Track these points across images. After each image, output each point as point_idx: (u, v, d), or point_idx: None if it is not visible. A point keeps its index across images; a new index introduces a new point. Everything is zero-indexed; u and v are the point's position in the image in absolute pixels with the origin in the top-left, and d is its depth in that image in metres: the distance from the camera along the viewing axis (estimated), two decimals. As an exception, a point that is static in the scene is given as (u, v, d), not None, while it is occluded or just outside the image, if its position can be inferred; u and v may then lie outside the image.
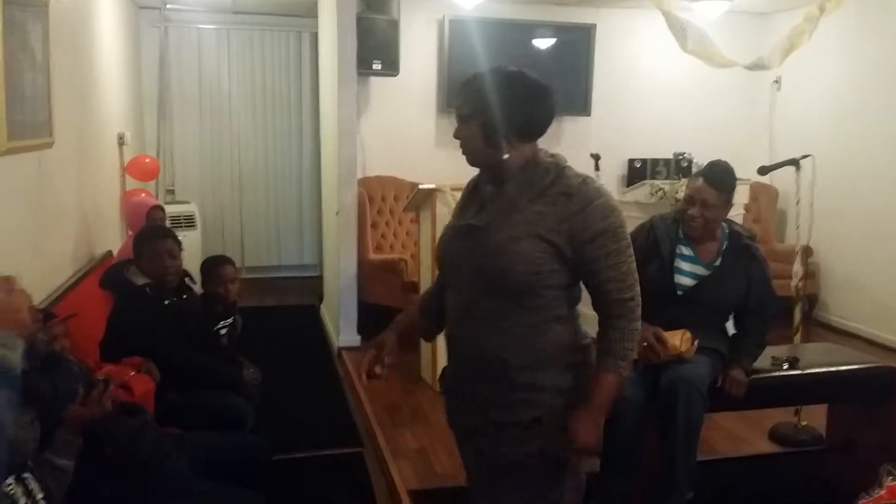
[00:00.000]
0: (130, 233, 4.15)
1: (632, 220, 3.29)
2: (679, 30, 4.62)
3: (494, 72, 1.81)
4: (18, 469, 1.79)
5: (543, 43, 5.94)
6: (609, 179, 4.93)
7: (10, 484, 1.75)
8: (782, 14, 5.93)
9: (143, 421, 2.33)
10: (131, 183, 5.07)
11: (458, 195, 3.96)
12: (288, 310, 6.00)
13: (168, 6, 6.04)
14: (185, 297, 3.06)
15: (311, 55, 6.47)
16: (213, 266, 3.36)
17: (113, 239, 4.47)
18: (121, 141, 4.92)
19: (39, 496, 1.77)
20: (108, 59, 4.67)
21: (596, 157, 4.12)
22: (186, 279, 3.16)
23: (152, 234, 3.14)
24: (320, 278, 6.11)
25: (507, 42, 5.77)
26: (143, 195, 4.83)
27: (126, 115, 5.33)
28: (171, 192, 6.25)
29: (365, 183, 5.43)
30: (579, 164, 4.92)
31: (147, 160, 5.16)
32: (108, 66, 4.64)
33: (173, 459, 2.31)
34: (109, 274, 3.13)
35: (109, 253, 4.04)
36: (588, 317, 1.86)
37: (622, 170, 6.17)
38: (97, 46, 4.34)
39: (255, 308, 5.54)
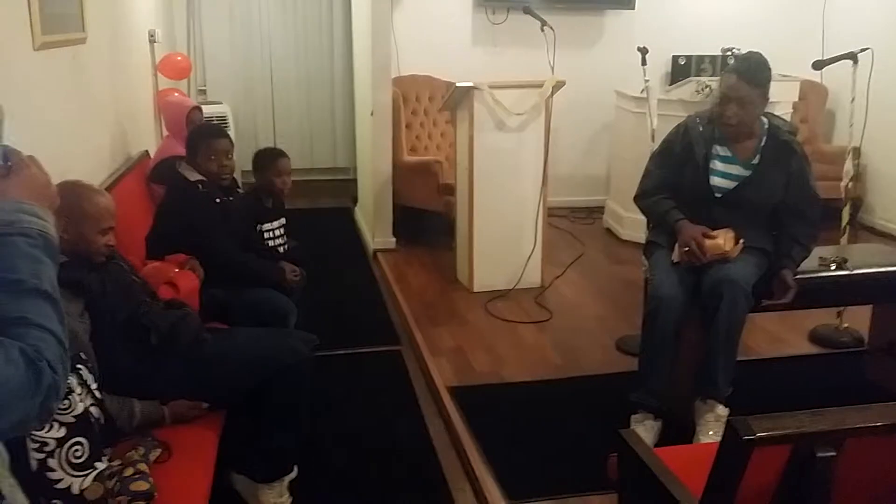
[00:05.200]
0: (167, 133, 4.11)
1: (676, 120, 3.20)
2: None
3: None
4: (73, 359, 1.82)
5: None
6: (652, 77, 4.74)
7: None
8: None
9: (184, 313, 2.35)
10: (163, 82, 5.00)
11: (497, 94, 3.92)
12: (323, 212, 6.02)
13: None
14: (232, 197, 3.06)
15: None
16: (271, 157, 3.30)
17: (148, 138, 4.45)
18: (151, 38, 4.81)
19: (93, 386, 1.80)
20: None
21: (643, 51, 3.94)
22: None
23: (209, 132, 3.13)
24: (354, 181, 6.08)
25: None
26: (175, 94, 4.77)
27: (156, 12, 5.21)
28: (203, 91, 6.17)
29: (399, 82, 5.31)
30: (624, 59, 4.82)
31: (179, 58, 5.06)
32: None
33: (217, 346, 2.34)
34: (162, 168, 3.13)
35: (146, 153, 4.02)
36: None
37: (666, 67, 5.94)
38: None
39: (290, 210, 5.52)
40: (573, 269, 4.54)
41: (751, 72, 2.70)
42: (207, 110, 5.38)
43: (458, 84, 4.07)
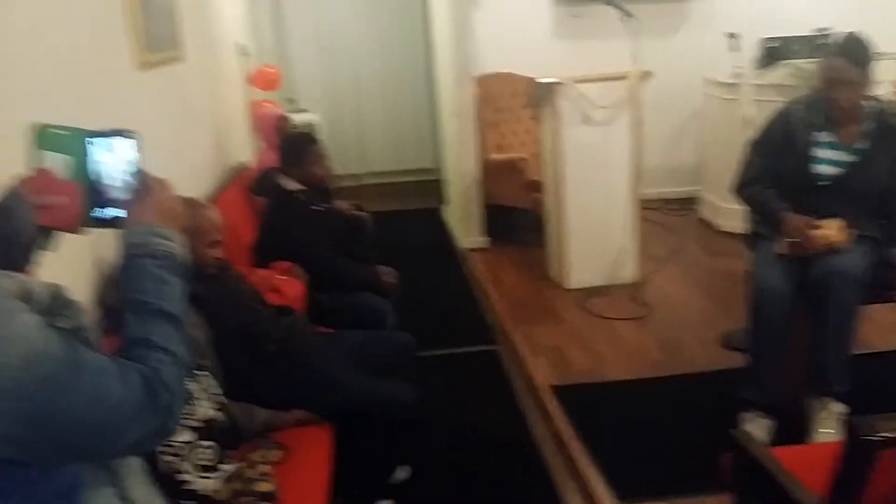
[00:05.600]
0: (263, 143, 4.24)
1: (771, 107, 3.07)
2: None
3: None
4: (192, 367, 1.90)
5: None
6: (742, 62, 4.58)
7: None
8: None
9: (295, 318, 2.44)
10: (255, 93, 5.16)
11: (581, 88, 3.87)
12: (412, 213, 6.08)
13: None
14: (328, 204, 3.14)
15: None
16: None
17: (243, 149, 4.60)
18: (241, 51, 4.97)
19: (217, 392, 1.88)
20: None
21: (734, 37, 3.80)
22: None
23: (309, 139, 3.22)
24: (441, 181, 6.12)
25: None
26: (268, 105, 4.91)
27: (244, 25, 5.37)
28: (292, 101, 6.34)
29: (480, 81, 5.30)
30: (709, 45, 4.68)
31: (270, 70, 5.21)
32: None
33: (328, 353, 2.41)
34: (262, 180, 3.24)
35: (243, 163, 4.16)
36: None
37: (755, 51, 5.72)
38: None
39: (381, 212, 5.62)
40: (670, 263, 4.44)
41: (857, 53, 2.58)
42: (297, 118, 5.54)
43: (539, 80, 4.04)
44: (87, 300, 2.10)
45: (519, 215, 5.00)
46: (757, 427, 2.61)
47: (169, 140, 3.01)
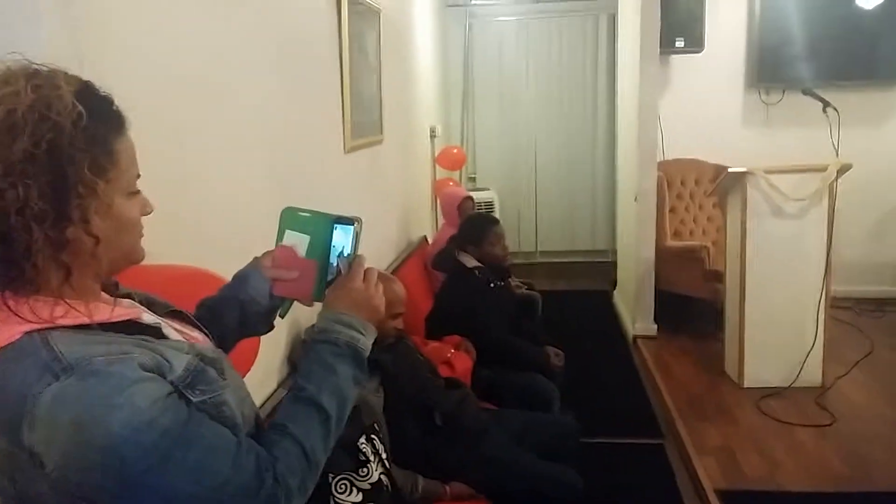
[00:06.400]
0: (444, 220, 4.48)
1: None
2: None
3: None
4: (369, 430, 2.03)
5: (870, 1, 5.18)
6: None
7: (362, 442, 2.00)
8: None
9: (465, 393, 2.53)
10: (440, 172, 5.46)
11: (774, 178, 3.76)
12: (581, 294, 6.06)
13: (473, 2, 6.38)
14: (503, 282, 3.26)
15: (609, 37, 6.43)
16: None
17: (426, 224, 4.87)
18: (432, 133, 5.31)
19: (384, 455, 1.99)
20: (424, 57, 5.07)
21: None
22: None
23: (490, 220, 3.41)
24: (614, 263, 6.09)
25: (824, 4, 5.20)
26: (451, 183, 5.18)
27: (436, 109, 5.74)
28: (473, 179, 6.63)
29: (664, 166, 5.28)
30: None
31: (455, 150, 5.51)
32: (423, 65, 5.03)
33: (494, 430, 2.47)
34: (442, 256, 3.44)
35: (424, 238, 4.40)
36: None
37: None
38: (414, 47, 4.73)
39: (550, 291, 5.67)
40: (860, 369, 4.10)
41: None
42: (476, 196, 5.78)
43: (730, 169, 3.96)
44: (278, 358, 2.33)
45: (694, 305, 4.85)
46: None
47: (363, 215, 3.28)
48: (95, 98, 0.93)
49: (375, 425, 2.07)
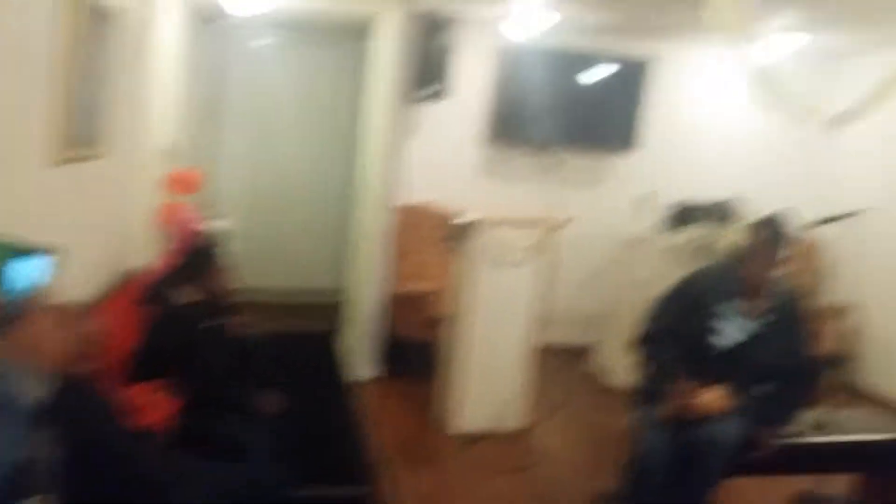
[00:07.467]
0: (170, 248, 4.17)
1: (673, 267, 3.22)
2: (757, 75, 4.48)
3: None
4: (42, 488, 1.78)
5: (596, 75, 5.75)
6: (656, 221, 4.82)
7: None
8: (859, 58, 5.66)
9: (152, 444, 2.32)
10: (172, 195, 5.11)
11: (500, 229, 3.97)
12: (305, 336, 5.88)
13: (231, 21, 6.15)
14: (221, 321, 3.08)
15: (362, 75, 6.51)
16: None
17: (147, 253, 4.50)
18: (166, 153, 4.97)
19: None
20: (168, 71, 4.75)
21: (646, 199, 3.98)
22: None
23: (209, 253, 3.19)
24: (340, 304, 6.06)
25: (560, 73, 5.69)
26: (183, 209, 4.86)
27: (173, 128, 5.39)
28: (210, 206, 6.29)
29: (402, 210, 5.41)
30: (624, 204, 4.91)
31: (190, 173, 5.20)
32: (166, 79, 4.71)
33: (187, 487, 2.29)
34: (156, 290, 3.17)
35: (141, 269, 4.05)
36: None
37: (666, 213, 6.04)
38: (158, 59, 4.41)
39: (278, 332, 5.48)
40: (558, 414, 4.46)
41: (775, 232, 2.76)
42: (211, 225, 5.48)
43: (457, 218, 4.15)
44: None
45: (421, 350, 4.97)
46: None
47: (65, 237, 2.94)
48: None
49: (49, 483, 1.82)
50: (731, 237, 4.23)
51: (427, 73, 5.24)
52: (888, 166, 5.54)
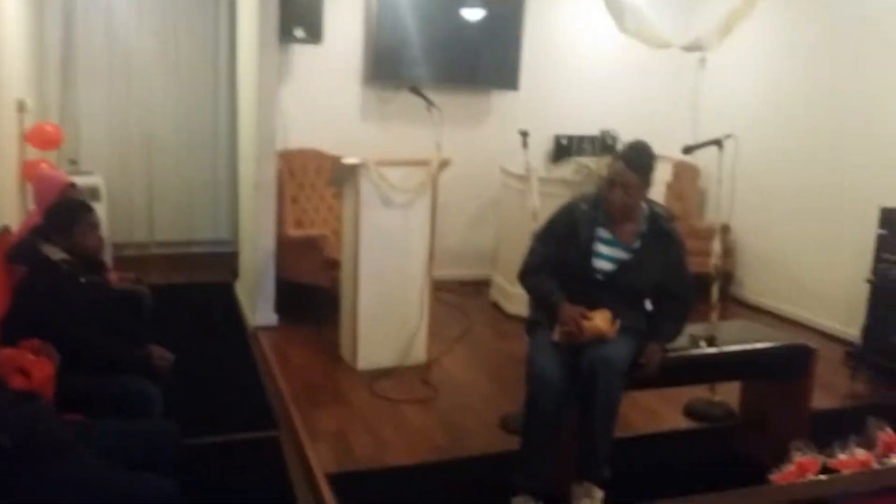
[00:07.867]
0: (33, 207, 3.87)
1: (558, 199, 3.29)
2: (617, 9, 4.65)
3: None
4: None
5: (472, 14, 5.67)
6: (535, 156, 4.91)
7: None
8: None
9: (37, 407, 2.18)
10: (31, 152, 4.75)
11: (384, 171, 3.93)
12: (201, 287, 5.77)
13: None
14: (97, 277, 2.90)
15: (230, 21, 6.20)
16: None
17: (9, 212, 4.18)
18: (20, 107, 4.59)
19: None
20: (11, 23, 4.34)
21: (524, 134, 4.06)
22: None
23: (81, 206, 2.96)
24: (235, 254, 5.91)
25: (435, 11, 5.62)
26: (44, 165, 4.53)
27: (27, 81, 4.98)
28: (74, 162, 5.89)
29: (285, 156, 5.25)
30: (509, 137, 4.97)
31: (49, 128, 4.84)
32: (10, 31, 4.31)
33: (77, 448, 2.16)
34: (21, 247, 2.93)
35: (6, 228, 3.76)
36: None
37: (548, 146, 6.17)
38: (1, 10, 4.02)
39: (167, 285, 5.31)
40: (460, 345, 4.53)
41: (636, 160, 2.83)
42: (78, 181, 5.14)
43: (342, 160, 4.06)
44: None
45: (314, 294, 4.90)
46: (527, 512, 2.65)
47: None
48: None
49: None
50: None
51: (296, 14, 5.04)
52: (751, 96, 5.86)
